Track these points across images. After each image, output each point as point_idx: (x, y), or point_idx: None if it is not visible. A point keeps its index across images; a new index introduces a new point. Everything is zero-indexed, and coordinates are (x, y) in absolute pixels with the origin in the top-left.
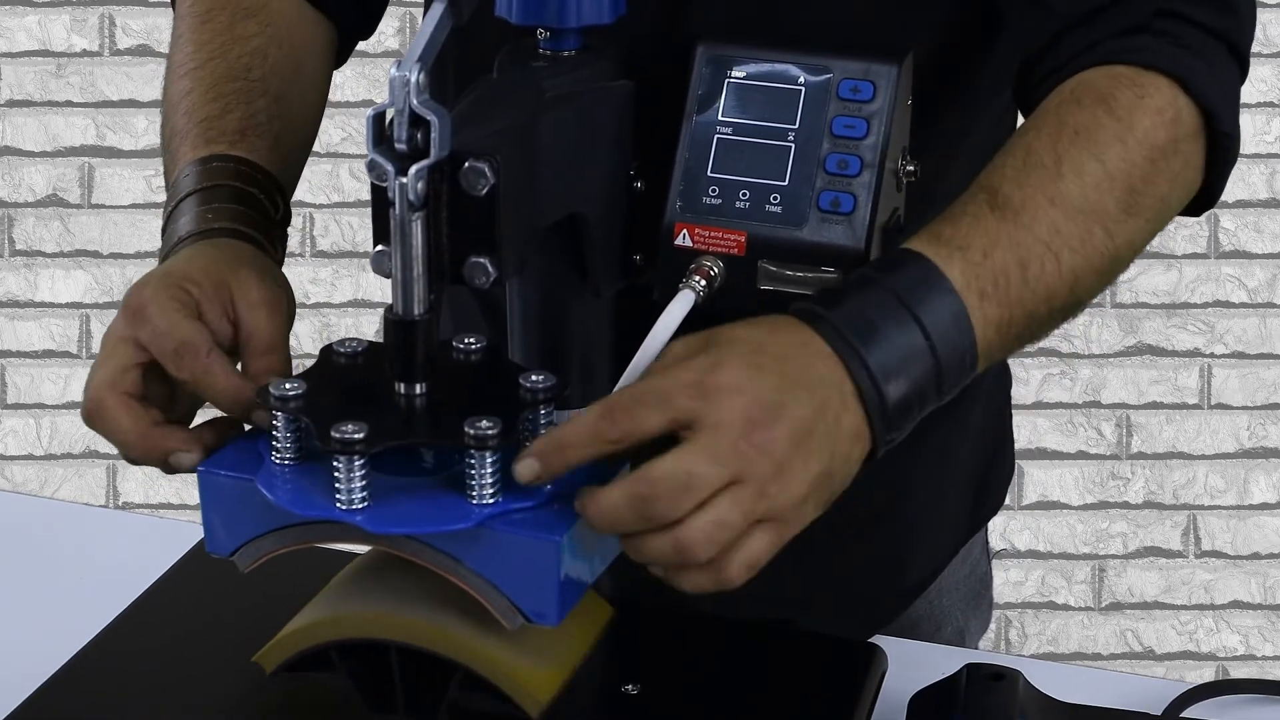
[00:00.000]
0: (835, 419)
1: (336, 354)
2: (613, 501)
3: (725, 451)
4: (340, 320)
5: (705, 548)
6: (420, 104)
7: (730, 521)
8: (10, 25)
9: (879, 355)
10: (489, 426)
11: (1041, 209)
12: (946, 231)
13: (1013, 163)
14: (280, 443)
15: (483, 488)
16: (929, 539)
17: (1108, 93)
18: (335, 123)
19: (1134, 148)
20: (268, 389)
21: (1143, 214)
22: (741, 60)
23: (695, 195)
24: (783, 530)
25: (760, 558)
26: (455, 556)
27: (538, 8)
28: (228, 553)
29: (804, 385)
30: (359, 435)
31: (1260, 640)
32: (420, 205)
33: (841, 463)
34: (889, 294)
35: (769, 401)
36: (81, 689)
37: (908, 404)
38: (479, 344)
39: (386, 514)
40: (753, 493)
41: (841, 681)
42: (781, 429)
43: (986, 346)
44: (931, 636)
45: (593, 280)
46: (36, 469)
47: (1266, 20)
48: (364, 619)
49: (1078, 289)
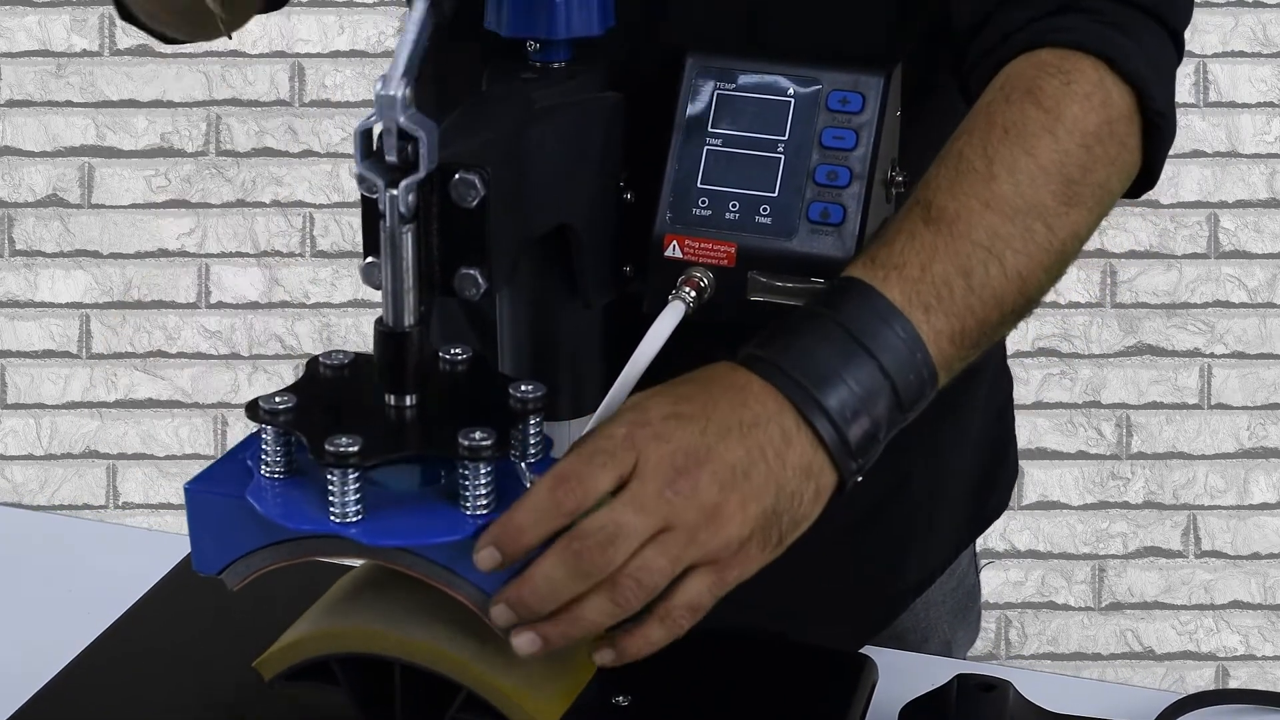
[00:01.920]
0: (778, 457)
1: (323, 366)
2: (550, 566)
3: (651, 501)
4: (340, 320)
5: (637, 593)
6: (408, 120)
7: (657, 566)
8: (10, 25)
9: (838, 399)
10: (483, 437)
11: (977, 214)
12: (881, 253)
13: (945, 171)
14: (269, 457)
15: (476, 498)
16: (926, 544)
17: (1034, 85)
18: (335, 123)
19: (1064, 137)
20: (258, 402)
21: (1083, 203)
22: (731, 72)
23: (685, 206)
24: (724, 572)
25: (703, 600)
26: (450, 568)
27: (527, 20)
28: (216, 570)
29: (734, 429)
30: (354, 448)
31: (1260, 640)
32: (410, 217)
33: (790, 500)
34: (838, 329)
35: (693, 447)
36: (72, 700)
37: (872, 434)
38: (465, 354)
39: (380, 526)
40: (682, 539)
41: (832, 692)
42: (706, 474)
43: (944, 360)
44: (918, 648)
45: (583, 291)
46: (36, 469)
47: (1267, 20)
48: (370, 634)
49: (1026, 288)
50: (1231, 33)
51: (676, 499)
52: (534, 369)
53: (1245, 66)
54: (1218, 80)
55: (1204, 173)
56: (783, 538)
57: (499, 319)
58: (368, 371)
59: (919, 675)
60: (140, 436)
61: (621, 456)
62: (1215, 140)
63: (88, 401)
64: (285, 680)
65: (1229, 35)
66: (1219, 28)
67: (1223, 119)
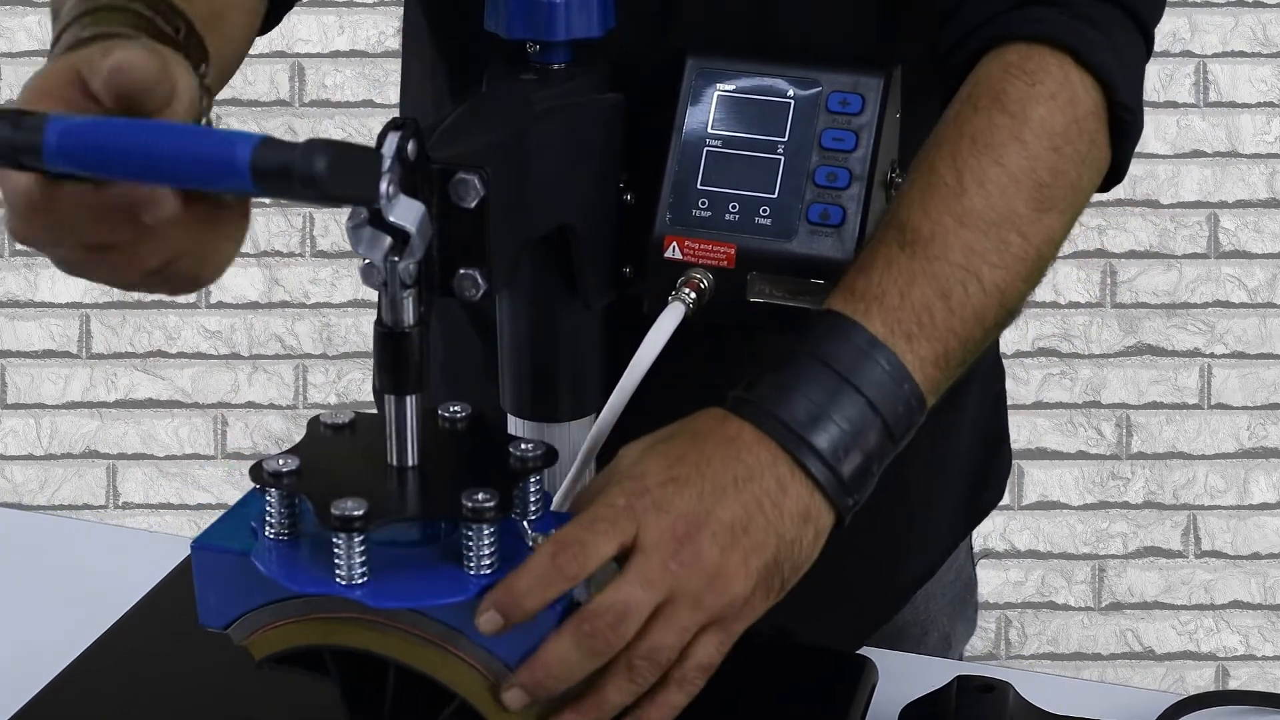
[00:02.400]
0: (775, 507)
1: (324, 426)
2: (563, 646)
3: (656, 574)
4: (340, 320)
5: (652, 671)
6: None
7: (665, 644)
8: (10, 25)
9: (828, 439)
10: (486, 499)
11: (951, 232)
12: (859, 284)
13: (918, 187)
14: (274, 518)
15: (480, 559)
16: (926, 537)
17: (999, 89)
18: (335, 123)
19: (1032, 142)
20: (262, 466)
21: (1056, 206)
22: (731, 73)
23: (685, 208)
24: (731, 626)
25: (713, 659)
26: (454, 627)
27: (527, 21)
28: (222, 626)
29: (729, 487)
30: (359, 512)
31: (1260, 640)
32: (413, 283)
33: (790, 547)
34: (824, 368)
35: (692, 514)
36: (72, 702)
37: (865, 468)
38: (464, 412)
39: (386, 589)
40: (687, 608)
41: (832, 694)
42: (706, 538)
43: (930, 385)
44: (919, 641)
45: (582, 293)
46: (36, 469)
47: (1267, 20)
48: (368, 632)
49: (1006, 300)
50: (1231, 33)
51: (681, 570)
52: (533, 370)
53: (1245, 66)
54: (1218, 80)
55: (1204, 173)
56: (784, 584)
57: (498, 320)
58: (369, 431)
59: (919, 676)
60: (140, 436)
61: (622, 525)
62: (1215, 140)
63: (88, 401)
64: (274, 664)
65: (1229, 35)
66: (1219, 28)
67: (1223, 119)
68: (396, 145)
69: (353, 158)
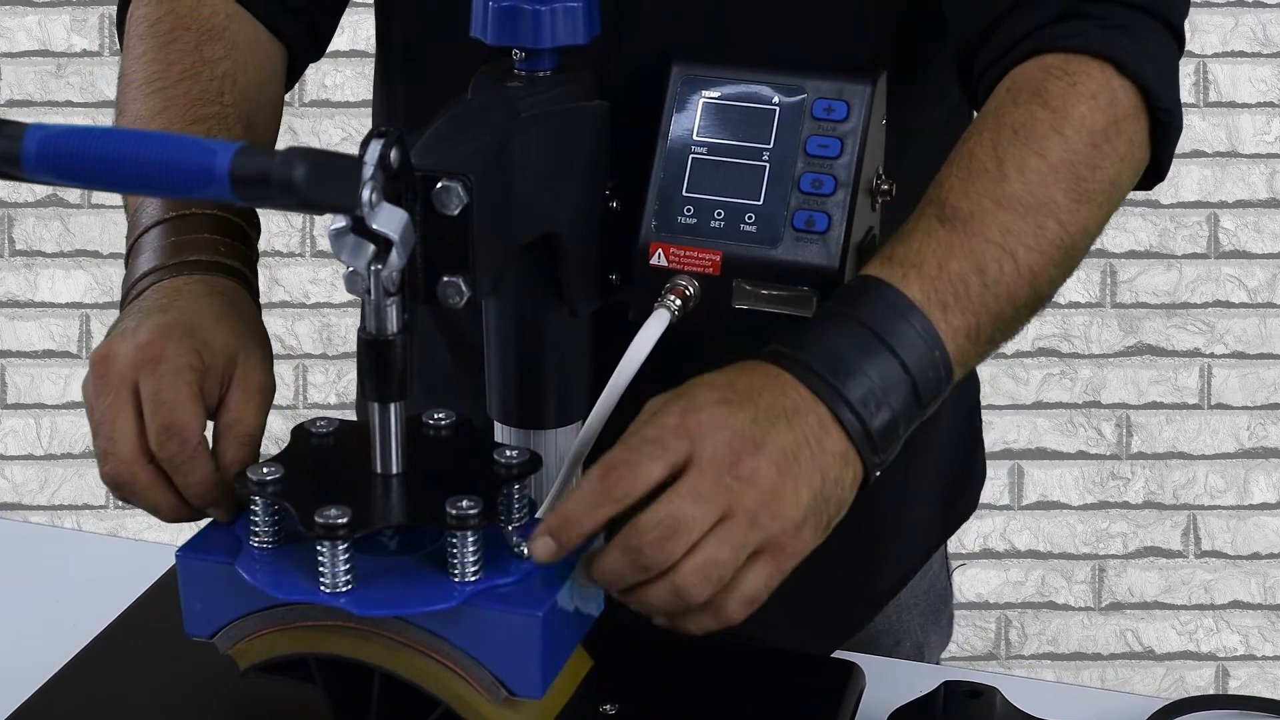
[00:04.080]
0: (818, 442)
1: (310, 434)
2: (611, 559)
3: (709, 489)
4: (340, 320)
5: (700, 589)
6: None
7: (721, 559)
8: (10, 25)
9: (859, 390)
10: (470, 506)
11: (990, 213)
12: (899, 251)
13: (958, 172)
14: (259, 526)
15: (465, 566)
16: (899, 547)
17: (1040, 86)
18: (335, 123)
19: (1073, 136)
20: (246, 474)
21: (1093, 199)
22: (716, 80)
23: (670, 215)
24: (781, 560)
25: (760, 592)
26: (439, 634)
27: (513, 28)
28: (207, 635)
29: (781, 415)
30: (343, 520)
31: (1260, 640)
32: (396, 291)
33: (834, 486)
34: (858, 325)
35: (749, 433)
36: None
37: (892, 427)
38: (449, 419)
39: (370, 596)
40: (744, 525)
41: (819, 700)
42: (765, 458)
43: (960, 356)
44: (889, 651)
45: (568, 300)
46: (36, 469)
47: (1267, 20)
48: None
49: (1037, 284)
50: (1231, 33)
51: (737, 484)
52: (519, 377)
53: (1245, 66)
54: (1218, 80)
55: (1204, 173)
56: (829, 522)
57: (485, 327)
58: (353, 438)
59: (906, 682)
60: None
61: (673, 445)
62: (1215, 140)
63: None
64: (260, 672)
65: (1229, 35)
66: (1219, 28)
67: (1223, 119)
68: (379, 153)
69: (333, 165)
